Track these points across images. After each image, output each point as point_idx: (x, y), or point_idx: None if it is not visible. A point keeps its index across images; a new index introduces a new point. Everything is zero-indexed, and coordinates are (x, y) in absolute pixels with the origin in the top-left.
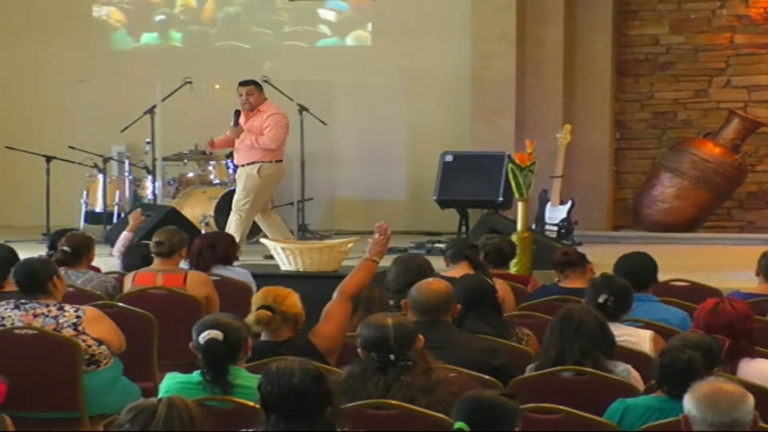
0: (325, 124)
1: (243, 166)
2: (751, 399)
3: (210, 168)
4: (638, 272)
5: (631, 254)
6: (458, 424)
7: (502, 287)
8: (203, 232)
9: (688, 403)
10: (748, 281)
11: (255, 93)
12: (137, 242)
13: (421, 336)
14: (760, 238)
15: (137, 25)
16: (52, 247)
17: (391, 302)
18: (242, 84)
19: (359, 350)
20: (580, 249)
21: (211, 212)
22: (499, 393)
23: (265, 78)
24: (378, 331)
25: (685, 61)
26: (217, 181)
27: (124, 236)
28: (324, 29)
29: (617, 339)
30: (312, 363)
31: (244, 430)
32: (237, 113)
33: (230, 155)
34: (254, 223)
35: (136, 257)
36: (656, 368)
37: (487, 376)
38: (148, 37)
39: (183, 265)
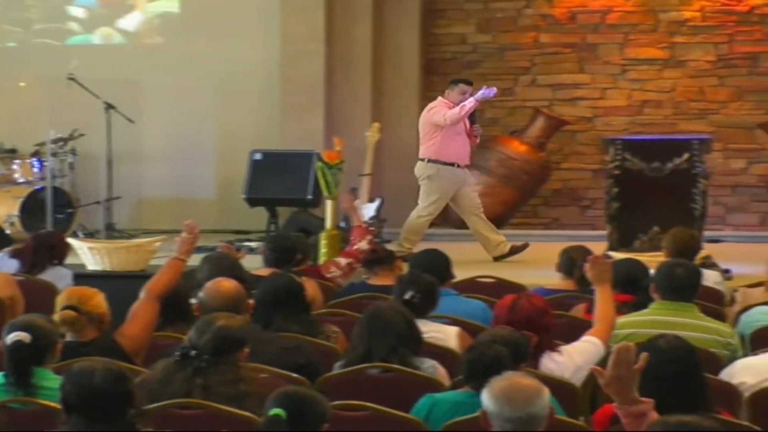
0: (132, 122)
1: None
2: (546, 393)
3: (15, 167)
4: (432, 268)
5: (425, 251)
6: (275, 411)
7: (311, 286)
8: (8, 232)
9: (486, 399)
10: (553, 277)
11: None
12: None
13: (246, 349)
14: (565, 234)
15: None
16: None
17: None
18: (470, 83)
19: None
20: (388, 247)
21: (16, 212)
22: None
23: (71, 76)
24: (200, 327)
25: (491, 60)
26: (22, 180)
27: None
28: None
29: (424, 335)
30: (115, 363)
31: (45, 431)
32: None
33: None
34: None
35: None
36: (464, 363)
37: (295, 375)
38: None
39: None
